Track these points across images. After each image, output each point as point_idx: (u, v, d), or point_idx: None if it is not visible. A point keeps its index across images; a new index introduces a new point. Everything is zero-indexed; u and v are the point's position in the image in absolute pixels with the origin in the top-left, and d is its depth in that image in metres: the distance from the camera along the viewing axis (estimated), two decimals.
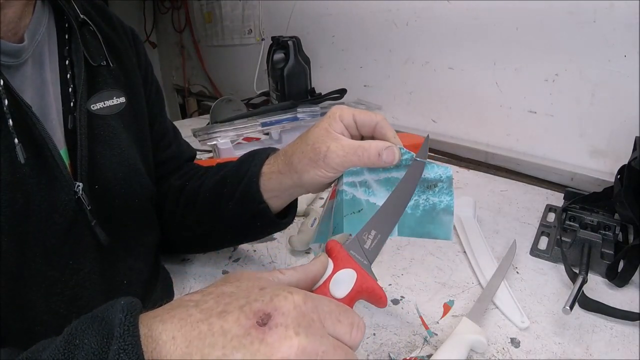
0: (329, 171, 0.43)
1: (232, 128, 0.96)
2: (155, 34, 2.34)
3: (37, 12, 0.42)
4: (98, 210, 0.43)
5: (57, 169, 0.39)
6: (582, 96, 0.82)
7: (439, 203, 0.43)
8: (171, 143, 0.62)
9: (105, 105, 0.46)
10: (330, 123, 0.44)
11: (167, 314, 0.26)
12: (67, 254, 0.41)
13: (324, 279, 0.33)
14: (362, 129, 0.44)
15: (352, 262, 0.35)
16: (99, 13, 0.50)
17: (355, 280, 0.34)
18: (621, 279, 0.55)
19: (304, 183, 0.45)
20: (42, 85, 0.41)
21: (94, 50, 0.46)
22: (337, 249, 0.35)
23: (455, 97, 1.03)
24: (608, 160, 0.82)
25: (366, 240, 0.38)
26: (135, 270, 0.49)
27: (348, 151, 0.42)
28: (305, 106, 1.05)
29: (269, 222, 0.51)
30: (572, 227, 0.66)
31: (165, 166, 0.60)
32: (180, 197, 0.57)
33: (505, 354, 0.46)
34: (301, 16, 1.35)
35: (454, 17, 0.96)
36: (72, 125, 0.42)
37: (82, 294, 0.42)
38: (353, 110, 0.44)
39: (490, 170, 0.95)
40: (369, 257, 0.37)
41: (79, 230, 0.41)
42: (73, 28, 0.44)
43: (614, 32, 0.74)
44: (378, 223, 0.39)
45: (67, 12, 0.44)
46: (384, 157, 0.42)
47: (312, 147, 0.43)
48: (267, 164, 0.49)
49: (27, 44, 0.40)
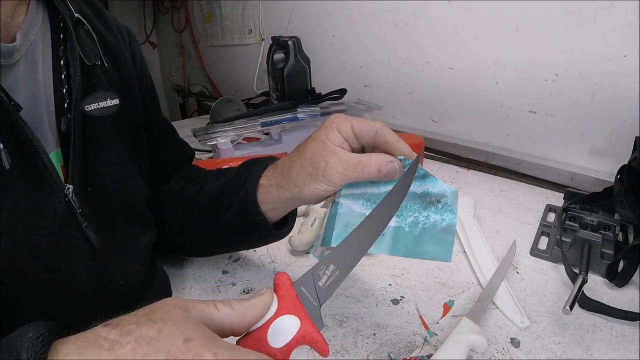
0: (330, 185, 0.42)
1: (232, 128, 0.96)
2: (155, 34, 2.33)
3: (31, 11, 0.42)
4: (91, 212, 0.43)
5: (46, 172, 0.38)
6: (582, 96, 0.81)
7: (441, 221, 0.40)
8: (169, 144, 0.61)
9: (100, 106, 0.45)
10: (327, 135, 0.42)
11: (77, 353, 0.23)
12: (59, 257, 0.40)
13: (263, 321, 0.30)
14: (362, 138, 0.43)
15: (297, 306, 0.31)
16: (95, 12, 0.49)
17: (297, 330, 0.30)
18: (621, 279, 0.55)
19: (303, 196, 0.44)
20: (35, 86, 0.40)
21: (89, 49, 0.45)
22: (285, 287, 0.32)
23: (455, 97, 1.03)
24: (608, 160, 0.82)
25: (321, 277, 0.33)
26: (130, 270, 0.48)
27: (347, 167, 0.41)
28: (305, 106, 1.05)
29: (266, 234, 0.51)
30: (572, 227, 0.66)
31: (163, 167, 0.60)
32: (178, 202, 0.56)
33: (505, 354, 0.46)
34: (301, 16, 1.35)
35: (454, 17, 0.96)
36: (66, 127, 0.41)
37: (76, 296, 0.41)
38: (351, 119, 0.43)
39: (490, 170, 0.95)
40: (321, 297, 0.33)
41: (71, 233, 0.41)
42: (68, 27, 0.43)
43: (614, 32, 0.74)
44: (340, 256, 0.35)
45: (62, 11, 0.43)
46: (384, 172, 0.40)
47: (310, 161, 0.42)
48: (265, 176, 0.48)
49: (19, 43, 0.39)
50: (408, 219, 0.41)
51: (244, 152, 0.98)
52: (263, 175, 0.49)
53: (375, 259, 0.63)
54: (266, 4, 1.50)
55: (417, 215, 0.41)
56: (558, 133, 0.87)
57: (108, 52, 0.48)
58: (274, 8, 1.47)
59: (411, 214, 0.41)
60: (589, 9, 0.75)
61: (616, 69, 0.76)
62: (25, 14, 0.41)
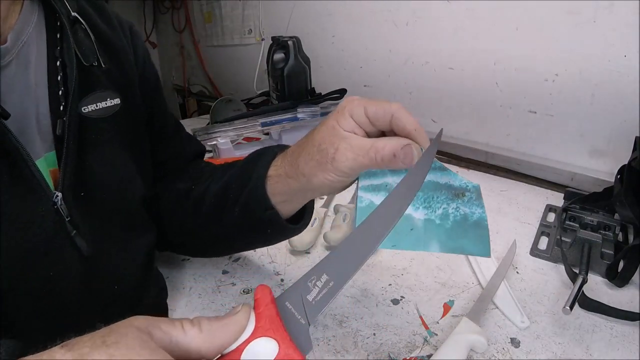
0: (339, 175, 0.38)
1: (232, 128, 0.96)
2: (155, 34, 2.33)
3: (25, 10, 0.40)
4: (84, 217, 0.41)
5: (33, 179, 0.37)
6: (582, 96, 0.81)
7: (471, 214, 0.37)
8: (172, 141, 0.59)
9: (98, 107, 0.44)
10: (338, 120, 0.38)
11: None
12: (48, 265, 0.39)
13: (237, 344, 0.26)
14: (377, 123, 0.38)
15: (277, 327, 0.26)
16: (95, 8, 0.48)
17: (275, 355, 0.25)
18: (621, 279, 0.55)
19: (314, 187, 0.40)
20: (27, 88, 0.39)
21: (87, 49, 0.43)
22: (264, 303, 0.27)
23: (455, 97, 1.03)
24: (608, 160, 0.82)
25: (311, 289, 0.28)
26: (125, 275, 0.47)
27: (358, 152, 0.36)
28: (305, 106, 1.05)
29: (280, 229, 0.47)
30: (572, 227, 0.66)
31: (166, 166, 0.58)
32: (186, 202, 0.53)
33: (505, 354, 0.46)
34: (301, 16, 1.35)
35: (454, 17, 0.96)
36: (61, 131, 0.40)
37: (67, 304, 0.41)
38: (365, 102, 0.38)
39: (490, 170, 0.95)
40: (310, 314, 0.27)
41: (60, 241, 0.39)
42: (64, 27, 0.41)
43: (614, 32, 0.74)
44: (335, 264, 0.29)
45: (59, 10, 0.41)
46: (400, 158, 0.35)
47: (319, 148, 0.38)
48: (274, 165, 0.45)
49: (11, 45, 0.38)
50: (437, 211, 0.38)
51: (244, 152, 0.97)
52: (272, 165, 0.45)
53: (375, 259, 0.63)
54: (266, 4, 1.50)
55: (446, 207, 0.38)
56: (558, 133, 0.87)
57: (108, 51, 0.47)
58: (274, 8, 1.47)
59: (439, 205, 0.38)
60: (589, 9, 0.75)
61: (616, 69, 0.75)
62: (18, 13, 0.39)
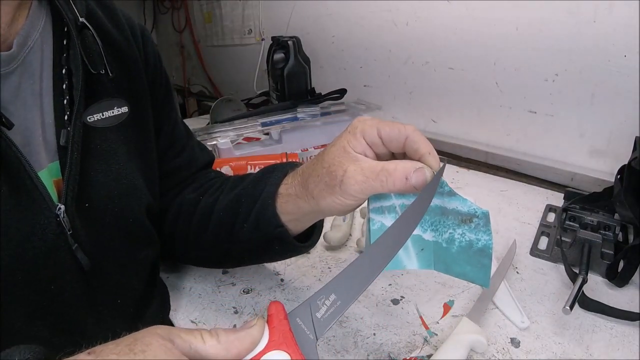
0: (347, 199, 0.37)
1: (232, 128, 0.96)
2: (155, 34, 2.33)
3: (32, 15, 0.39)
4: (86, 228, 0.40)
5: (35, 191, 0.36)
6: (582, 96, 0.81)
7: (476, 241, 0.37)
8: (181, 151, 0.57)
9: (104, 116, 0.43)
10: (349, 140, 0.37)
11: None
12: (48, 278, 0.38)
13: (252, 356, 0.28)
14: (390, 144, 0.37)
15: (289, 341, 0.29)
16: (106, 12, 0.46)
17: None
18: (621, 279, 0.55)
19: (322, 210, 0.40)
20: (31, 96, 0.38)
21: (95, 56, 0.41)
22: (278, 319, 0.29)
23: (455, 97, 1.03)
24: (608, 160, 0.82)
25: (320, 307, 0.30)
26: (127, 288, 0.46)
27: (369, 175, 0.35)
28: (305, 106, 1.05)
29: (288, 247, 0.46)
30: (572, 227, 0.66)
31: (175, 176, 0.56)
32: (194, 214, 0.52)
33: (505, 354, 0.46)
34: (301, 16, 1.35)
35: (454, 17, 0.96)
36: (65, 141, 0.39)
37: (66, 317, 0.40)
38: (378, 122, 0.37)
39: (490, 170, 0.95)
40: (318, 330, 0.30)
41: (61, 254, 0.38)
42: (72, 33, 0.40)
43: (614, 32, 0.74)
44: (343, 285, 0.31)
45: (66, 15, 0.40)
46: (412, 182, 0.34)
47: (328, 170, 0.37)
48: (285, 184, 0.44)
49: (16, 51, 0.37)
50: (444, 235, 0.38)
51: (244, 152, 0.98)
52: (282, 184, 0.44)
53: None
54: (266, 4, 1.50)
55: (452, 232, 0.37)
56: (558, 133, 0.87)
57: (117, 57, 0.45)
58: (274, 8, 1.47)
59: (446, 229, 0.38)
60: (589, 9, 0.75)
61: (616, 69, 0.76)
62: (25, 19, 0.38)
